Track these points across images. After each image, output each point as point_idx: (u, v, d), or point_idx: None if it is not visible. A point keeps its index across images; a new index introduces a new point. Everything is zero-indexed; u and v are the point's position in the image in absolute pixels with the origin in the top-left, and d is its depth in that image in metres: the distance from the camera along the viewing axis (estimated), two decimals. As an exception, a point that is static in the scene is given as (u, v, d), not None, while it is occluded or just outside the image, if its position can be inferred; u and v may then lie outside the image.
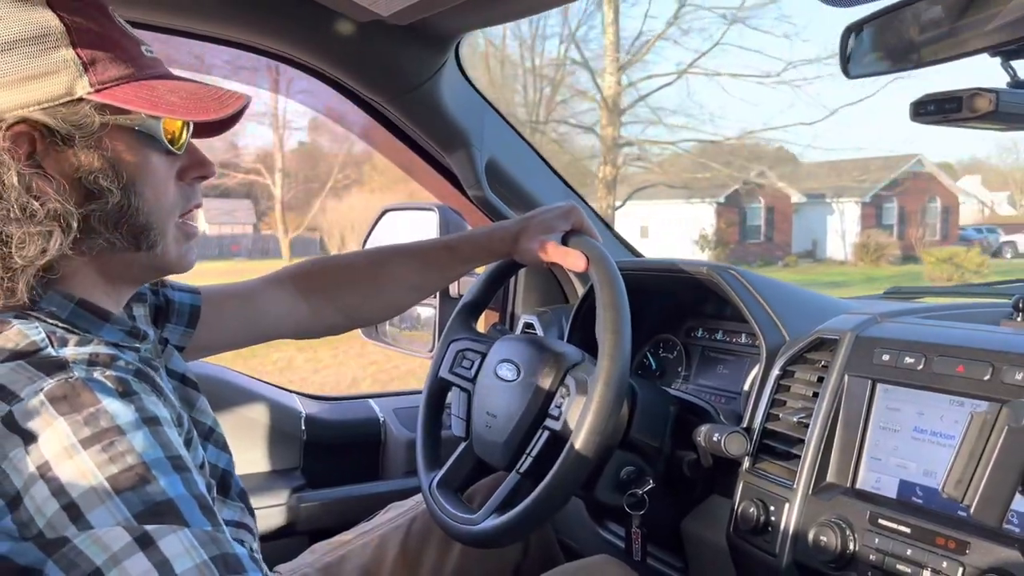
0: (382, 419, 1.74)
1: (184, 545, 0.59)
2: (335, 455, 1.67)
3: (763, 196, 23.42)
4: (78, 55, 0.72)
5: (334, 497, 1.61)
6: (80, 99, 0.72)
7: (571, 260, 1.10)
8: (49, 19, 0.72)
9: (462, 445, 1.25)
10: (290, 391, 1.72)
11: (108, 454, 0.60)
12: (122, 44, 0.76)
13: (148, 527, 0.58)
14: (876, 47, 1.00)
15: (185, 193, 0.82)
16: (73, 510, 0.58)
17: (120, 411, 0.63)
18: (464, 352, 1.27)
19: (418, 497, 1.30)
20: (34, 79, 0.70)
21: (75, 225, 0.71)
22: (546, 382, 1.10)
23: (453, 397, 1.33)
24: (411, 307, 1.34)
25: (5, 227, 0.68)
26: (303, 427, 1.64)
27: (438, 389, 1.30)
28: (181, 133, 0.80)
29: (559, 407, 1.08)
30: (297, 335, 1.19)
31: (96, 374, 0.65)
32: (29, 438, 0.60)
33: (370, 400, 1.79)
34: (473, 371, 1.25)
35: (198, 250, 0.87)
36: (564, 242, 1.13)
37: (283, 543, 1.51)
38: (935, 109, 0.86)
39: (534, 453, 1.07)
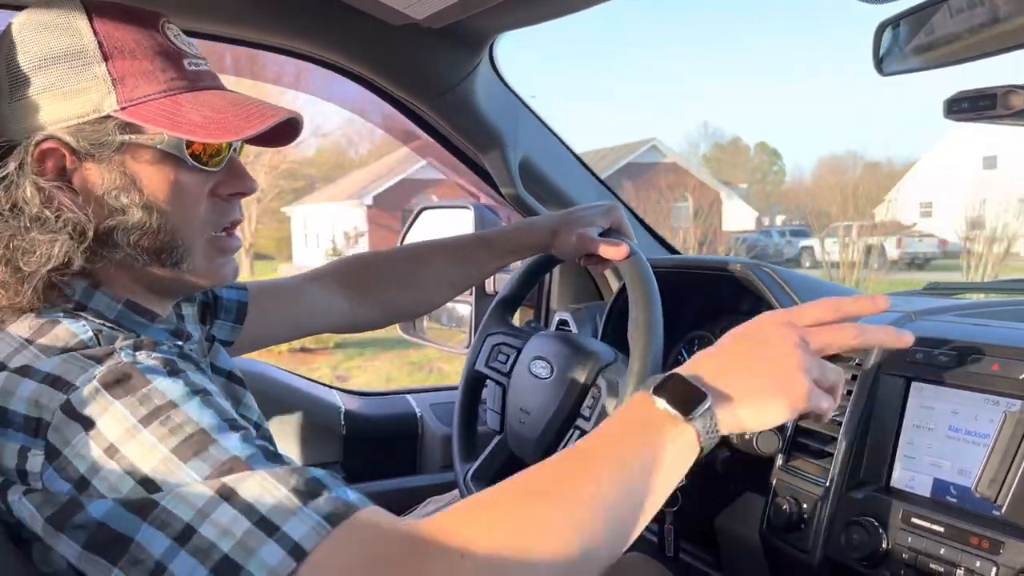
0: (419, 414, 1.77)
1: (263, 486, 0.60)
2: (374, 449, 1.70)
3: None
4: (109, 72, 0.73)
5: (373, 491, 1.64)
6: (107, 116, 0.73)
7: (610, 251, 1.09)
8: (86, 35, 0.73)
9: (496, 439, 1.27)
10: (329, 387, 1.76)
11: (167, 427, 0.62)
12: (160, 59, 0.75)
13: (225, 479, 0.60)
14: (911, 44, 0.99)
15: (221, 209, 0.81)
16: (149, 484, 0.60)
17: (170, 387, 0.65)
18: (500, 346, 1.29)
19: (456, 492, 1.33)
20: (66, 97, 0.72)
21: (90, 235, 0.72)
22: (578, 382, 1.12)
23: (488, 391, 1.35)
24: (447, 301, 1.36)
25: (19, 237, 0.71)
26: (343, 422, 1.68)
27: (473, 382, 1.32)
28: (218, 149, 0.78)
29: (590, 407, 1.09)
30: (339, 330, 1.22)
31: (141, 357, 0.67)
32: (89, 424, 0.62)
33: (407, 395, 1.82)
34: (508, 365, 1.27)
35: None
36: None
37: (324, 535, 1.54)
38: (969, 107, 0.86)
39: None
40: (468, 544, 0.59)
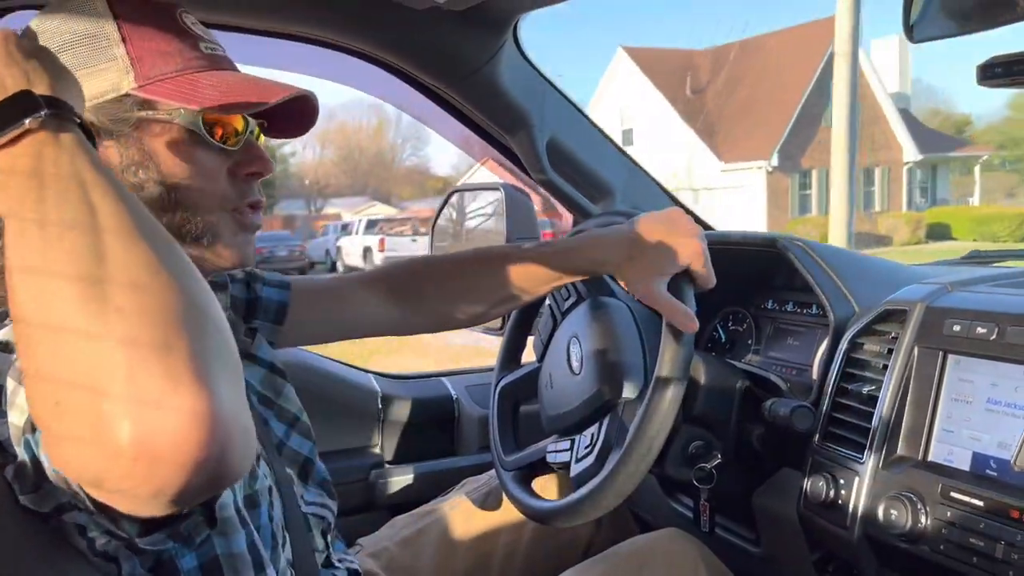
0: (455, 396, 1.78)
1: None
2: (411, 433, 1.72)
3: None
4: (128, 52, 0.75)
5: (411, 473, 1.67)
6: (126, 95, 0.74)
7: (677, 320, 0.97)
8: (105, 18, 0.75)
9: (534, 366, 1.32)
10: (366, 371, 1.78)
11: None
12: (176, 41, 0.77)
13: None
14: (945, 7, 0.97)
15: (239, 189, 0.81)
16: None
17: None
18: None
19: (492, 472, 1.34)
20: (87, 78, 0.73)
21: None
22: (597, 400, 1.12)
23: (541, 320, 1.36)
24: (501, 316, 1.30)
25: None
26: (380, 406, 1.70)
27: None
28: (239, 129, 0.80)
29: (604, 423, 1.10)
30: (384, 334, 1.20)
31: None
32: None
33: (443, 378, 1.83)
34: (567, 305, 1.28)
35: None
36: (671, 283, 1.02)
37: (364, 517, 1.57)
38: (1003, 72, 0.84)
39: (579, 454, 1.11)
40: None
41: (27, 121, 0.54)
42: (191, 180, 0.77)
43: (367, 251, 20.65)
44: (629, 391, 1.10)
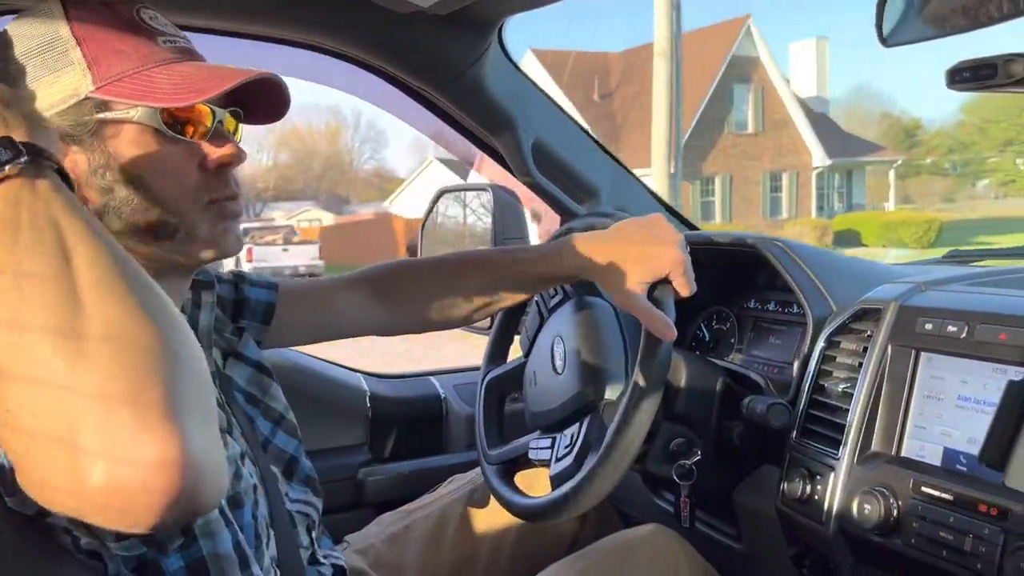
0: (443, 395, 1.80)
1: None
2: (399, 430, 1.74)
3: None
4: (84, 55, 0.74)
5: (399, 471, 1.68)
6: (86, 98, 0.74)
7: (656, 328, 0.98)
8: (60, 22, 0.75)
9: (520, 361, 1.34)
10: (355, 370, 1.79)
11: None
12: (133, 39, 0.76)
13: None
14: (915, 12, 0.98)
15: (213, 182, 0.80)
16: None
17: None
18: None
19: (478, 470, 1.36)
20: (50, 85, 0.74)
21: None
22: (578, 400, 1.14)
23: (528, 318, 1.38)
24: (487, 318, 1.31)
25: None
26: (368, 404, 1.72)
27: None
28: (199, 118, 0.78)
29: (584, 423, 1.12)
30: (370, 334, 1.20)
31: None
32: None
33: (431, 377, 1.85)
34: (553, 302, 1.30)
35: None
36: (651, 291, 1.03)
37: (351, 515, 1.58)
38: (970, 76, 0.85)
39: (559, 453, 1.13)
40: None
41: (7, 168, 0.54)
42: (159, 177, 0.77)
43: (237, 261, 19.66)
44: (610, 392, 1.11)
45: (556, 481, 1.09)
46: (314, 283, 1.18)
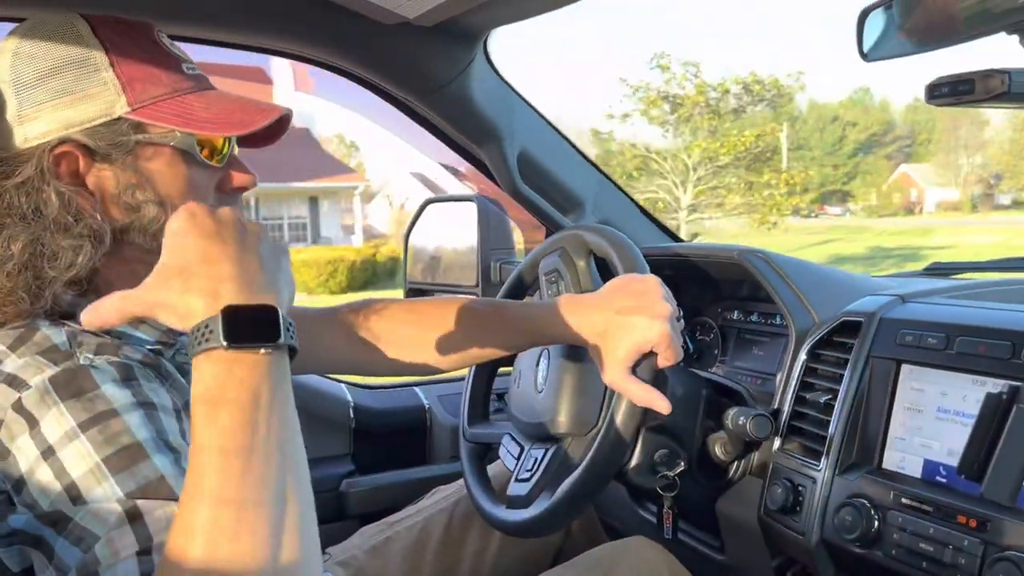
0: (427, 406, 1.79)
1: (169, 518, 0.61)
2: (383, 441, 1.73)
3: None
4: (117, 76, 0.77)
5: (382, 482, 1.67)
6: (119, 118, 0.76)
7: (656, 405, 0.97)
8: (91, 42, 0.77)
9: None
10: (339, 381, 1.78)
11: (104, 435, 0.64)
12: (162, 64, 0.80)
13: (139, 502, 0.62)
14: (895, 29, 1.00)
15: (225, 203, 0.82)
16: (73, 490, 0.62)
17: (117, 394, 0.66)
18: (551, 274, 1.23)
19: (462, 482, 1.35)
20: (77, 102, 0.75)
21: (107, 240, 0.76)
22: (549, 427, 1.13)
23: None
24: (461, 369, 1.21)
25: (42, 241, 0.73)
26: (352, 415, 1.71)
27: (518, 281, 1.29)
28: (221, 146, 0.83)
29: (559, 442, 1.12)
30: (342, 373, 1.17)
31: (99, 360, 0.69)
32: (33, 423, 0.65)
33: (415, 388, 1.84)
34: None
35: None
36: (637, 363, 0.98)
37: (334, 527, 1.57)
38: (949, 91, 0.86)
39: (519, 474, 1.14)
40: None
41: (262, 350, 0.59)
42: (185, 199, 0.77)
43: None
44: (580, 427, 1.10)
45: (509, 502, 1.12)
46: (313, 311, 1.12)
